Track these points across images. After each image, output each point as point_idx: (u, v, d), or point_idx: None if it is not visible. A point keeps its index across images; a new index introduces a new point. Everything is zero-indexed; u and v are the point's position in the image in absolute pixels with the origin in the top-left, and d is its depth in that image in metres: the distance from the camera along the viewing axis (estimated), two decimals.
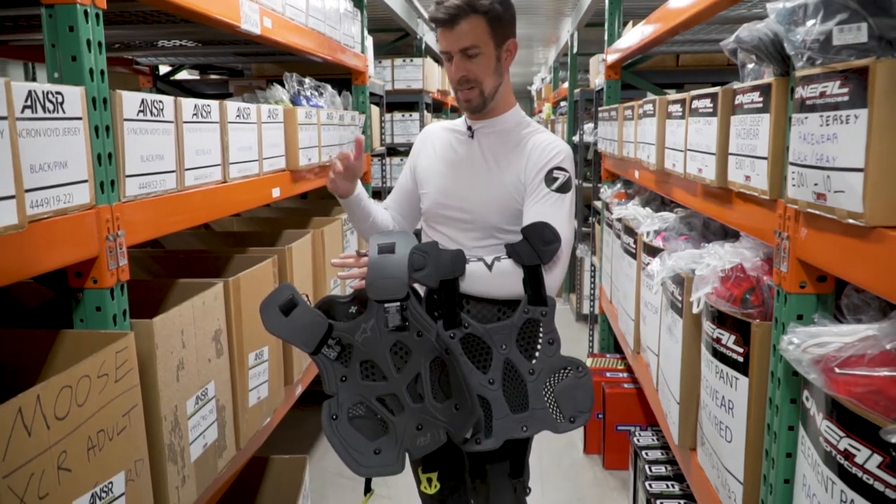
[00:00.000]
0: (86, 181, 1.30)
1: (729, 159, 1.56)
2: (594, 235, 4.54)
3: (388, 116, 5.55)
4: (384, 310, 1.48)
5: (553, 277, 1.58)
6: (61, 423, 1.15)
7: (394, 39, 6.18)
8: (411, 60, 5.56)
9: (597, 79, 4.43)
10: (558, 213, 1.60)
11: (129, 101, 1.44)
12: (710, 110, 1.64)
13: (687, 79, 4.13)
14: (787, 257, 1.27)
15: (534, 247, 1.52)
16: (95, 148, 1.34)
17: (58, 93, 1.22)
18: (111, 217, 1.38)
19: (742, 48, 1.35)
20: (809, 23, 1.05)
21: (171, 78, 4.15)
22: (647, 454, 2.71)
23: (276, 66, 3.87)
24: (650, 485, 2.51)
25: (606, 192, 3.64)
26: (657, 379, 2.28)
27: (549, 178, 1.64)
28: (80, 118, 1.28)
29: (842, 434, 1.05)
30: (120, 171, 1.42)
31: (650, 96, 3.58)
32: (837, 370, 1.01)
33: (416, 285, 1.57)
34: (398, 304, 1.47)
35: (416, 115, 5.67)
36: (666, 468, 2.60)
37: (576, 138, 5.56)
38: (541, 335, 1.54)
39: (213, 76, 4.78)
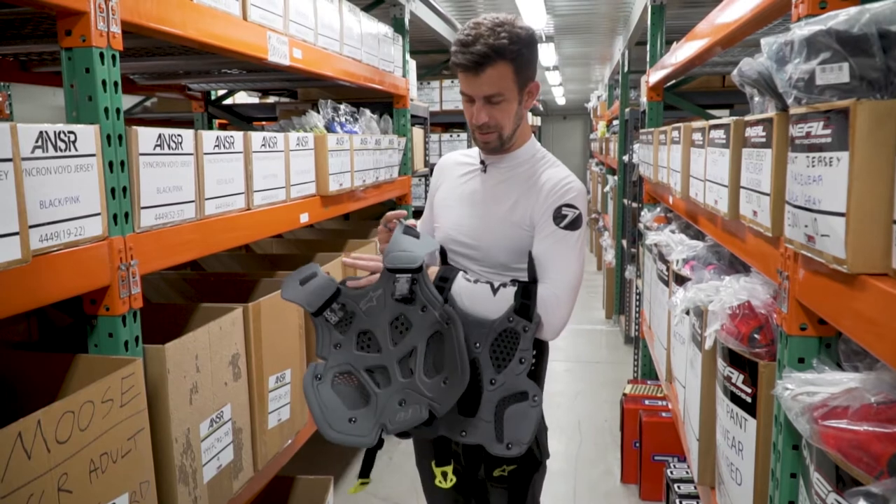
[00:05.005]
0: (98, 214, 1.37)
1: (740, 193, 1.52)
2: (638, 258, 4.45)
3: (435, 137, 5.60)
4: (395, 279, 1.52)
5: (558, 317, 1.55)
6: (62, 446, 1.21)
7: (444, 60, 6.24)
8: None
9: (642, 98, 4.37)
10: (563, 249, 1.58)
11: (145, 136, 1.51)
12: (724, 141, 1.60)
13: (736, 99, 4.01)
14: (788, 298, 1.23)
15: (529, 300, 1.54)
16: (109, 182, 1.41)
17: (70, 132, 1.29)
18: (124, 247, 1.45)
19: (744, 82, 1.32)
20: (795, 61, 1.02)
21: (223, 102, 4.30)
22: (679, 487, 2.64)
23: (320, 91, 3.97)
24: None
25: (647, 215, 3.57)
26: (683, 412, 2.22)
27: (558, 216, 1.60)
28: (93, 155, 1.35)
29: (829, 488, 1.00)
30: (135, 203, 1.49)
31: (699, 120, 3.50)
32: (821, 422, 0.97)
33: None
34: (409, 275, 1.51)
35: (463, 134, 5.71)
36: (698, 503, 2.52)
37: (626, 158, 5.48)
38: (515, 351, 1.52)
39: (270, 99, 4.94)
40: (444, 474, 1.61)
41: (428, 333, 1.50)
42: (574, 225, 1.60)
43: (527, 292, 1.54)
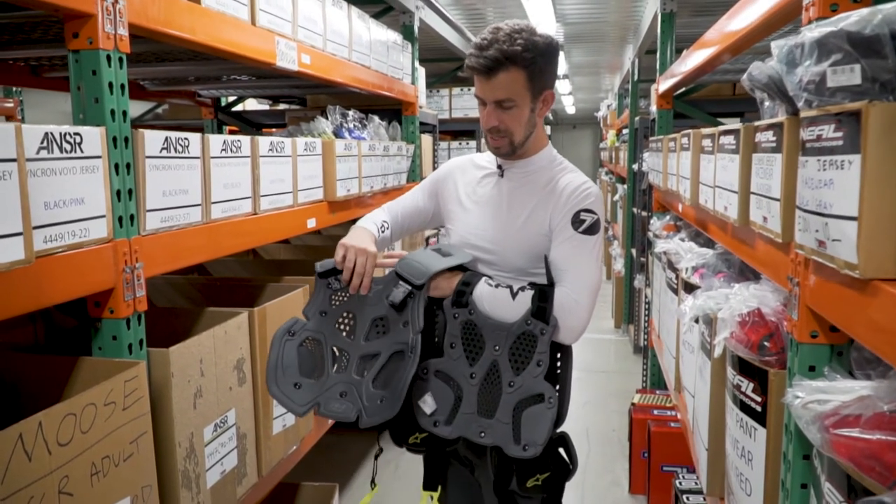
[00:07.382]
0: (103, 216, 1.37)
1: (750, 199, 1.50)
2: (648, 267, 4.42)
3: (444, 144, 5.60)
4: (396, 283, 1.56)
5: (577, 319, 1.55)
6: (64, 448, 1.20)
7: (453, 69, 6.25)
8: (469, 89, 5.61)
9: (652, 107, 4.35)
10: (581, 253, 1.58)
11: (152, 139, 1.51)
12: (734, 147, 1.59)
13: (746, 107, 3.99)
14: (798, 305, 1.21)
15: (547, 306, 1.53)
16: (115, 184, 1.40)
17: (76, 133, 1.29)
18: (129, 250, 1.44)
19: (754, 86, 1.30)
20: (806, 63, 1.00)
21: (233, 109, 4.31)
22: (688, 499, 2.60)
23: (329, 98, 3.97)
24: None
25: (656, 223, 3.55)
26: (692, 422, 2.19)
27: (577, 220, 1.61)
28: (98, 157, 1.35)
29: (841, 499, 0.98)
30: (140, 205, 1.49)
31: (710, 128, 3.47)
32: (832, 430, 0.95)
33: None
34: (409, 287, 1.55)
35: (472, 142, 5.72)
36: None
37: (635, 166, 5.46)
38: (533, 354, 1.52)
39: (280, 106, 4.95)
40: (431, 498, 1.63)
41: (395, 348, 1.53)
42: (592, 230, 1.61)
43: (543, 296, 1.55)
